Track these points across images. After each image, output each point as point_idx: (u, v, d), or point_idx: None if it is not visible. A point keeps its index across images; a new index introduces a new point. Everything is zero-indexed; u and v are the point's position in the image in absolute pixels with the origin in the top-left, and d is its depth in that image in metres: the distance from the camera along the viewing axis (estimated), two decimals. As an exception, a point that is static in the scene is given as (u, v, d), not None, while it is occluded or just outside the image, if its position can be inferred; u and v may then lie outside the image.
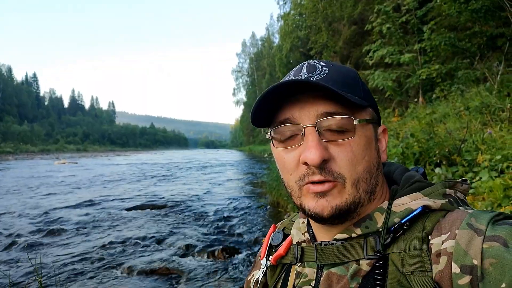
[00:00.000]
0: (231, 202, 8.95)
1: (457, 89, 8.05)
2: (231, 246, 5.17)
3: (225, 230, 6.18)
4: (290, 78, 0.64)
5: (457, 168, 3.90)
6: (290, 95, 0.64)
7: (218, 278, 4.09)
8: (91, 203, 9.02)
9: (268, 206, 8.11)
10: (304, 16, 29.94)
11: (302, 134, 0.62)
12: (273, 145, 0.68)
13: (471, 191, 3.52)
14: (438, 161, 4.24)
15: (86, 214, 7.60)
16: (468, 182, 0.68)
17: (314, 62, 0.68)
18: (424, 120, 5.84)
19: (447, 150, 4.18)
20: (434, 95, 9.42)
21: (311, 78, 0.63)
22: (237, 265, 4.53)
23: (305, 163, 0.61)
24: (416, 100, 10.75)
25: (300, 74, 0.65)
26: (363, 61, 14.87)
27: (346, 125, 0.61)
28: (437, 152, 4.26)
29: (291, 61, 34.75)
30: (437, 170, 4.02)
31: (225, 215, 7.37)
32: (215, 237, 5.75)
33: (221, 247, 5.08)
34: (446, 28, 9.67)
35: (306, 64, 0.68)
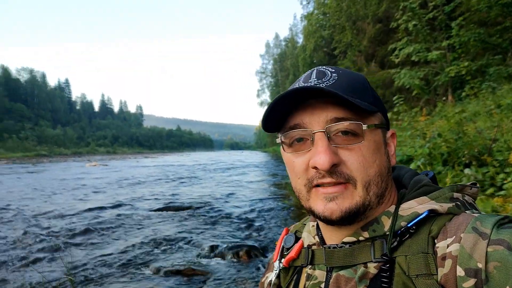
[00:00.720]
0: (255, 204, 8.99)
1: (488, 87, 7.75)
2: (255, 248, 5.19)
3: (249, 231, 6.22)
4: (299, 85, 0.66)
5: (487, 169, 3.76)
6: (300, 101, 0.65)
7: (242, 279, 4.13)
8: (120, 204, 9.30)
9: (292, 208, 8.09)
10: (327, 15, 29.59)
11: (312, 139, 0.63)
12: (283, 150, 0.69)
13: (502, 192, 3.39)
14: (467, 161, 4.10)
15: (116, 215, 7.85)
16: (478, 185, 0.67)
17: (323, 68, 0.69)
18: (452, 119, 5.66)
19: (476, 150, 4.05)
20: (463, 93, 9.10)
21: (321, 85, 0.64)
22: (260, 266, 4.55)
23: (315, 168, 0.62)
24: (444, 98, 10.42)
25: (309, 80, 0.67)
26: (388, 59, 14.55)
27: (355, 130, 0.62)
28: (466, 152, 4.13)
29: (314, 61, 34.45)
30: (467, 171, 3.90)
31: (249, 216, 7.41)
32: (239, 238, 5.80)
33: (245, 248, 5.11)
34: (476, 23, 9.33)
35: (315, 70, 0.69)
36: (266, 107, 0.66)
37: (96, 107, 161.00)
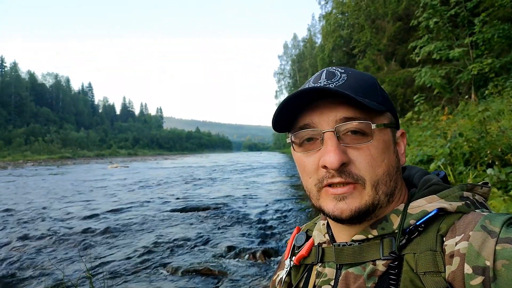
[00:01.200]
0: (273, 205, 8.99)
1: (513, 84, 7.50)
2: (272, 248, 5.19)
3: (266, 232, 6.22)
4: (309, 85, 0.67)
5: (511, 169, 3.64)
6: (310, 101, 0.66)
7: (259, 280, 4.14)
8: (139, 205, 9.48)
9: (309, 209, 8.04)
10: (346, 14, 29.33)
11: (322, 139, 0.64)
12: (294, 149, 0.71)
13: (527, 193, 3.27)
14: (490, 161, 3.99)
15: (135, 216, 8.00)
16: (489, 184, 0.67)
17: (333, 69, 0.71)
18: (475, 118, 5.51)
19: (500, 150, 3.92)
20: (487, 91, 8.83)
21: (330, 85, 0.65)
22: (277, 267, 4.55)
23: (325, 167, 0.63)
24: (467, 97, 10.14)
25: (319, 81, 0.68)
26: (409, 58, 14.30)
27: (364, 130, 0.63)
28: (489, 152, 4.01)
29: (333, 60, 34.18)
30: (489, 171, 3.78)
31: (266, 217, 7.42)
32: (256, 239, 5.81)
33: (262, 249, 5.11)
34: (500, 19, 9.05)
35: (325, 71, 0.71)
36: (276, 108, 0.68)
37: (118, 110, 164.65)
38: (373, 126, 0.63)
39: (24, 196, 11.88)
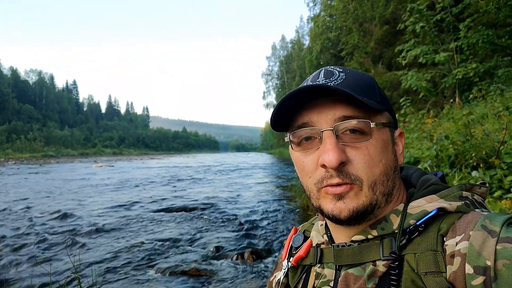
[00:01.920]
0: (261, 205, 8.98)
1: (496, 89, 7.69)
2: (260, 249, 5.19)
3: (254, 233, 6.21)
4: (308, 84, 0.67)
5: (495, 171, 3.72)
6: (308, 100, 0.66)
7: (247, 281, 4.13)
8: (125, 205, 9.35)
9: (298, 210, 8.06)
10: (334, 17, 29.59)
11: (320, 138, 0.64)
12: (292, 149, 0.70)
13: (510, 195, 3.35)
14: (474, 164, 4.07)
15: (121, 216, 7.89)
16: (487, 185, 0.67)
17: (331, 68, 0.70)
18: (460, 121, 5.62)
19: (484, 153, 4.01)
20: (471, 95, 9.03)
21: (329, 84, 0.64)
22: (266, 268, 4.55)
23: (323, 166, 0.63)
24: (452, 100, 10.34)
25: (317, 80, 0.67)
26: (395, 61, 14.49)
27: (363, 128, 0.63)
28: (474, 154, 4.09)
29: (321, 62, 34.44)
30: (474, 173, 3.86)
31: (254, 218, 7.41)
32: (244, 239, 5.80)
33: (250, 249, 5.10)
34: (484, 25, 9.26)
35: (323, 70, 0.70)
36: (274, 107, 0.67)
37: (103, 109, 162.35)
38: (372, 124, 0.63)
39: (4, 196, 11.58)
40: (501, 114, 5.73)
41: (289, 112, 0.68)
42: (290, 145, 0.70)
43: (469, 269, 0.52)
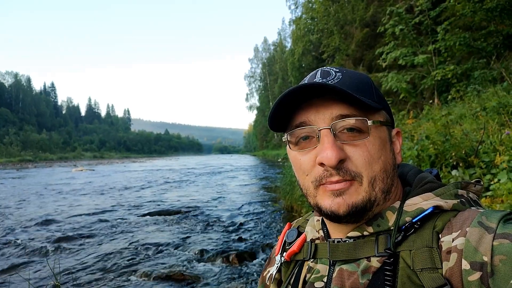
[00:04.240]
0: (245, 207, 8.96)
1: (473, 90, 7.90)
2: (245, 251, 5.17)
3: (239, 235, 6.19)
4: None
5: (474, 170, 3.82)
6: (306, 99, 0.65)
7: (233, 284, 4.10)
8: (107, 210, 9.17)
9: (282, 211, 8.09)
10: (316, 20, 29.97)
11: (318, 137, 0.64)
12: (290, 148, 0.70)
13: (489, 193, 3.44)
14: (454, 163, 4.16)
15: (103, 221, 7.72)
16: (482, 183, 0.68)
17: (327, 68, 0.70)
18: (439, 121, 5.74)
19: (463, 152, 4.10)
20: (449, 96, 9.25)
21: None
22: (251, 270, 4.53)
23: (321, 164, 0.62)
24: (431, 101, 10.58)
25: (314, 80, 0.67)
26: (376, 63, 14.77)
27: (360, 127, 0.63)
28: (453, 154, 4.19)
29: (303, 65, 34.78)
30: (454, 172, 3.95)
31: (239, 220, 7.38)
32: (229, 242, 5.77)
33: (235, 252, 5.08)
34: (461, 28, 9.54)
35: (320, 70, 0.70)
36: (271, 106, 0.66)
37: (83, 111, 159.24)
38: (369, 122, 0.63)
39: (-19, 202, 11.17)
40: (479, 115, 5.90)
41: (287, 112, 0.67)
42: (287, 145, 0.70)
43: (465, 265, 0.53)
